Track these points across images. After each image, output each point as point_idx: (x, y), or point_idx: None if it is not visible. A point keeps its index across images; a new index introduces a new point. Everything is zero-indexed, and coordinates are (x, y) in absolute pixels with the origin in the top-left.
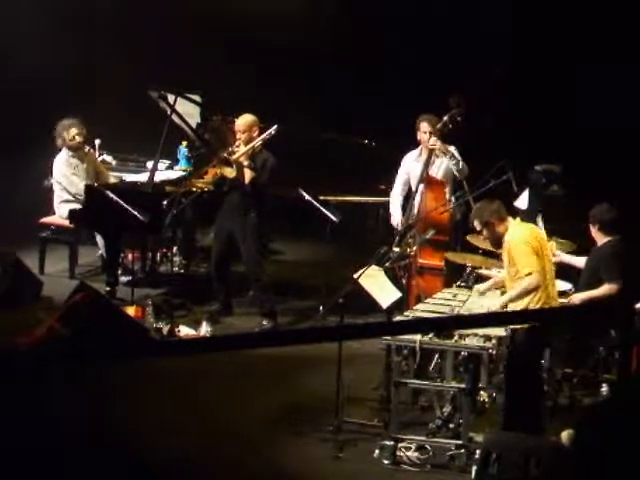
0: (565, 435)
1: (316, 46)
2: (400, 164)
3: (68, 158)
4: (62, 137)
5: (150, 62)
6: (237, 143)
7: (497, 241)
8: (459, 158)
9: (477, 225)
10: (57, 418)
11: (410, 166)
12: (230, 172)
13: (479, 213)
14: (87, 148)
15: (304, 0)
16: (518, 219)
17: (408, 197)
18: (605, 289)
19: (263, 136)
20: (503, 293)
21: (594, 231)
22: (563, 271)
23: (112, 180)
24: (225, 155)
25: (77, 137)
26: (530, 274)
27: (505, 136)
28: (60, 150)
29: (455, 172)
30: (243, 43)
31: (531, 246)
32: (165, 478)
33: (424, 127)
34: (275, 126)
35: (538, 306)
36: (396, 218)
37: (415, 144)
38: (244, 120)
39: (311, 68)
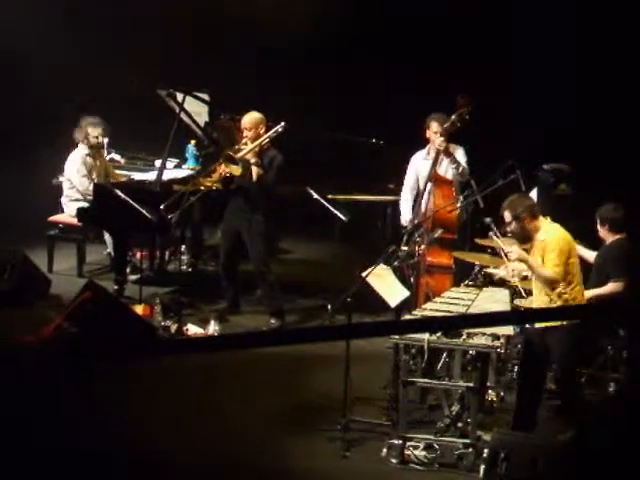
0: (573, 434)
1: (321, 45)
2: (408, 163)
3: (84, 157)
4: (86, 132)
5: (158, 61)
6: (244, 141)
7: (524, 237)
8: (460, 161)
9: (507, 216)
10: (61, 417)
11: (418, 165)
12: (236, 170)
13: (512, 205)
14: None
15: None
16: (549, 219)
17: (417, 196)
18: (610, 287)
19: (270, 133)
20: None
21: (604, 231)
22: None
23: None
24: (230, 153)
25: (100, 137)
26: (557, 266)
27: (513, 135)
28: (77, 145)
29: (456, 175)
30: (250, 42)
31: (566, 250)
32: (173, 477)
33: (434, 127)
34: (282, 123)
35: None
36: (406, 217)
37: (422, 143)
38: (250, 117)
39: (318, 68)
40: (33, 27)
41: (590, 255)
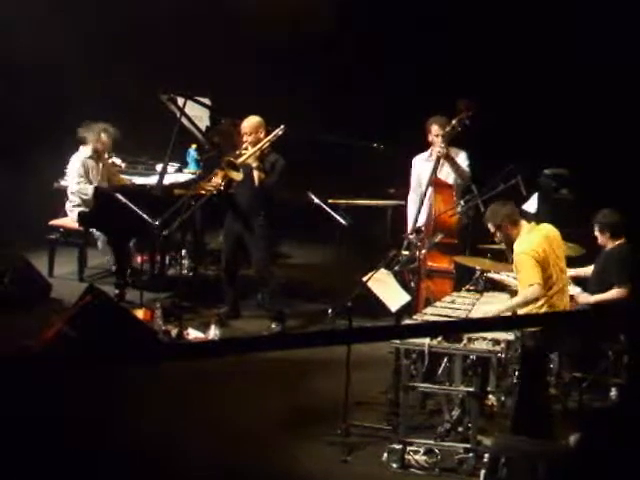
0: (573, 439)
1: (322, 49)
2: (410, 167)
3: (85, 160)
4: (97, 136)
5: (159, 64)
6: (244, 146)
7: (510, 243)
8: (461, 165)
9: (491, 227)
10: (61, 418)
11: (420, 167)
12: (237, 175)
13: (492, 215)
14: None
15: (308, 1)
16: (533, 223)
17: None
18: (614, 293)
19: (270, 137)
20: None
21: (604, 238)
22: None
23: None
24: (231, 159)
25: (107, 147)
26: (532, 285)
27: (514, 139)
28: (81, 144)
29: (457, 178)
30: (250, 45)
31: (535, 257)
32: (171, 479)
33: (435, 130)
34: (282, 126)
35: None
36: (412, 222)
37: (423, 146)
38: (250, 122)
39: (319, 71)
40: (34, 28)
41: (582, 271)
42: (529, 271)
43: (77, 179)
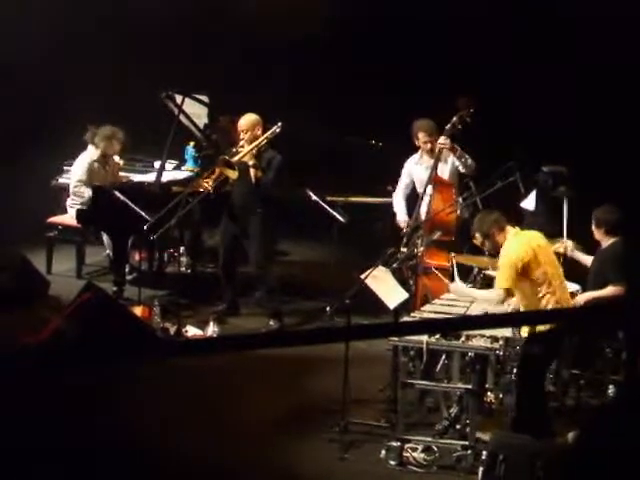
0: (571, 436)
1: (322, 47)
2: (403, 166)
3: (91, 162)
4: (108, 141)
5: (157, 62)
6: (241, 143)
7: (498, 251)
8: (466, 155)
9: (479, 237)
10: (62, 419)
11: (412, 170)
12: (232, 174)
13: (479, 225)
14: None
15: (308, 1)
16: (517, 229)
17: (410, 199)
18: (611, 290)
19: (267, 134)
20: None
21: (600, 234)
22: (571, 272)
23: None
24: (227, 157)
25: (116, 152)
26: (498, 289)
27: (512, 137)
28: (88, 144)
29: (462, 169)
30: (249, 42)
31: (514, 263)
32: (171, 478)
33: (422, 137)
34: (279, 124)
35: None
36: (401, 217)
37: (414, 147)
38: (247, 120)
39: (317, 69)
40: (33, 28)
41: (587, 260)
42: (501, 276)
43: (75, 183)
